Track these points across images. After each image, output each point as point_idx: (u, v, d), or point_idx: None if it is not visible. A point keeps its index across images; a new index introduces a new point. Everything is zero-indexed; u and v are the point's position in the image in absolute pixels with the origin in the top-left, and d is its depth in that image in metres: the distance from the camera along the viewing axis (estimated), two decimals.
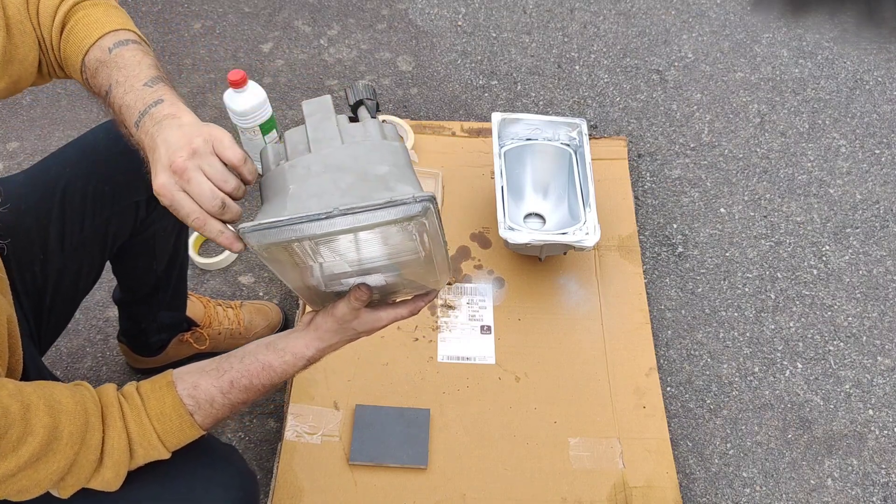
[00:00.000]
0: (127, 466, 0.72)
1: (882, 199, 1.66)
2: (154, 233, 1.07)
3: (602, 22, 1.98)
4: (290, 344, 0.77)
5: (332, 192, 0.62)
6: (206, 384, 0.75)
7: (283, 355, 0.77)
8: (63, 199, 0.93)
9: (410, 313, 0.79)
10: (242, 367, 0.76)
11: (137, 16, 1.93)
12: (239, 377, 0.76)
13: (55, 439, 0.65)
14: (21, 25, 0.76)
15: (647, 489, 1.23)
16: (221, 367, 0.76)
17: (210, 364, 0.77)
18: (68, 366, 1.38)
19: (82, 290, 1.03)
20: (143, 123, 0.69)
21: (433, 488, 1.22)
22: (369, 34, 1.93)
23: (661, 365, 1.41)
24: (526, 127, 1.51)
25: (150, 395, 0.74)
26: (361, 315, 0.76)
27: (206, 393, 0.75)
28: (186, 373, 0.76)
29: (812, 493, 1.29)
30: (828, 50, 1.93)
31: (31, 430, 0.63)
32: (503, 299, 1.44)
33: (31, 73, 0.78)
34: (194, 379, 0.75)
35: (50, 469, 0.66)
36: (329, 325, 0.76)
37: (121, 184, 0.97)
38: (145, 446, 0.72)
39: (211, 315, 1.33)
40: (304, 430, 1.26)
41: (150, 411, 0.73)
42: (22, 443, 0.63)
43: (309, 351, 0.77)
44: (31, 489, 0.66)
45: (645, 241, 1.58)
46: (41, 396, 0.65)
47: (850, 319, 1.49)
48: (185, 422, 0.74)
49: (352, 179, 0.63)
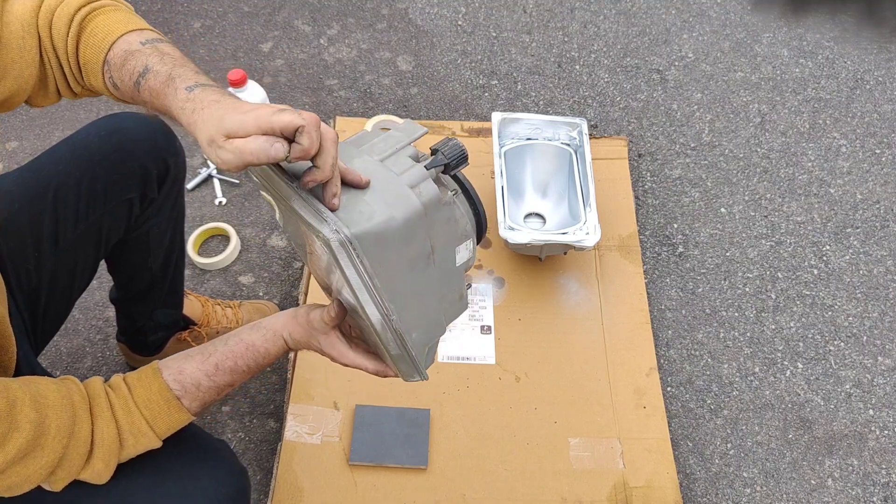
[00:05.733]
0: (117, 457, 0.72)
1: (882, 199, 1.66)
2: (148, 230, 1.07)
3: (602, 21, 1.98)
4: (272, 322, 0.79)
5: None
6: (192, 368, 0.76)
7: (264, 333, 0.78)
8: (56, 198, 0.93)
9: (375, 371, 0.78)
10: (227, 349, 0.77)
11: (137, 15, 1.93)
12: (223, 359, 0.76)
13: (42, 434, 0.65)
14: (20, 41, 0.73)
15: (648, 489, 1.23)
16: (206, 351, 0.77)
17: (195, 349, 0.78)
18: (68, 366, 1.38)
19: (78, 289, 1.03)
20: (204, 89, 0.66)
21: (433, 488, 1.22)
22: (369, 34, 1.93)
23: (662, 365, 1.41)
24: (526, 127, 1.50)
25: (137, 384, 0.74)
26: (331, 335, 0.76)
27: (191, 377, 0.75)
28: (172, 360, 0.77)
29: (812, 493, 1.29)
30: (828, 49, 1.93)
31: (16, 426, 0.63)
32: (503, 299, 1.44)
33: (25, 89, 0.75)
34: (179, 364, 0.76)
35: (39, 464, 0.66)
36: (303, 321, 0.77)
37: (114, 181, 0.96)
38: (135, 433, 0.72)
39: (209, 314, 1.33)
40: (304, 430, 1.26)
41: (137, 399, 0.73)
42: (7, 439, 0.63)
43: (284, 331, 0.78)
44: (22, 484, 0.66)
45: (645, 240, 1.58)
46: (27, 392, 0.65)
47: (850, 319, 1.49)
48: (172, 406, 0.74)
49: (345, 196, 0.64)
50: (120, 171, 0.96)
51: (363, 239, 0.60)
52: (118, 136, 0.96)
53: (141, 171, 0.98)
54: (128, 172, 0.97)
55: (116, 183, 0.97)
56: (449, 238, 0.70)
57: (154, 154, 0.99)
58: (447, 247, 0.70)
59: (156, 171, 1.00)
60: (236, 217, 1.58)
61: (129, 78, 0.71)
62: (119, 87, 0.73)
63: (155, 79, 0.69)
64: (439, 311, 0.73)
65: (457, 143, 0.69)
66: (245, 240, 1.55)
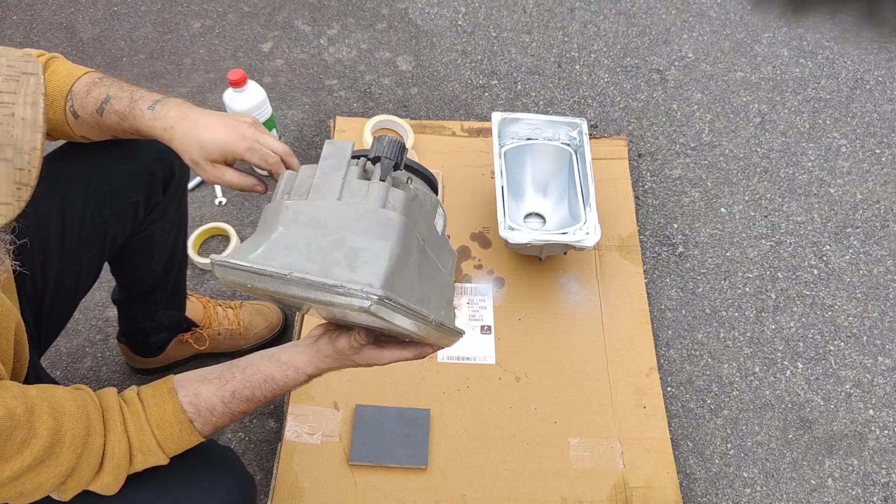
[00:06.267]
0: (126, 471, 0.72)
1: (882, 199, 1.66)
2: (153, 232, 1.07)
3: (602, 21, 1.98)
4: (294, 358, 0.78)
5: (302, 250, 0.63)
6: (208, 393, 0.76)
7: (285, 369, 0.78)
8: (63, 201, 0.93)
9: (415, 357, 0.79)
10: (245, 377, 0.77)
11: (137, 15, 1.93)
12: (241, 388, 0.77)
13: (58, 442, 0.65)
14: None
15: (648, 489, 1.23)
16: (224, 377, 0.77)
17: (212, 372, 0.78)
18: (68, 366, 1.38)
19: (82, 290, 1.03)
20: (164, 104, 0.79)
21: (433, 488, 1.22)
22: (369, 34, 1.93)
23: (662, 365, 1.41)
24: (526, 126, 1.50)
25: (151, 402, 0.74)
26: (363, 351, 0.77)
27: (207, 401, 0.75)
28: (188, 380, 0.77)
29: (813, 493, 1.29)
30: (828, 49, 1.93)
31: (35, 433, 0.63)
32: (503, 299, 1.44)
33: None
34: (195, 387, 0.76)
35: (53, 472, 0.66)
36: (329, 352, 0.77)
37: (120, 185, 0.97)
38: (144, 452, 0.73)
39: (211, 315, 1.33)
40: (304, 430, 1.26)
41: (150, 417, 0.73)
42: (26, 445, 0.63)
43: (310, 368, 0.78)
44: (34, 492, 0.66)
45: (645, 240, 1.58)
46: (44, 399, 0.66)
47: (850, 319, 1.49)
48: (184, 429, 0.74)
49: (326, 243, 0.63)
50: (126, 173, 0.96)
51: (388, 284, 0.61)
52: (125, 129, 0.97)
53: (147, 173, 0.99)
54: (134, 175, 0.97)
55: (123, 186, 0.97)
56: (427, 219, 0.72)
57: (159, 157, 1.00)
58: (429, 227, 0.72)
59: (161, 173, 1.01)
60: (236, 217, 1.58)
61: (92, 105, 0.83)
62: (79, 115, 0.84)
63: (119, 103, 0.81)
64: (443, 274, 0.76)
65: (390, 138, 0.69)
66: (245, 240, 1.55)
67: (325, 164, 0.67)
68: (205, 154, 0.78)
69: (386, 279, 0.61)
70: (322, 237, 0.63)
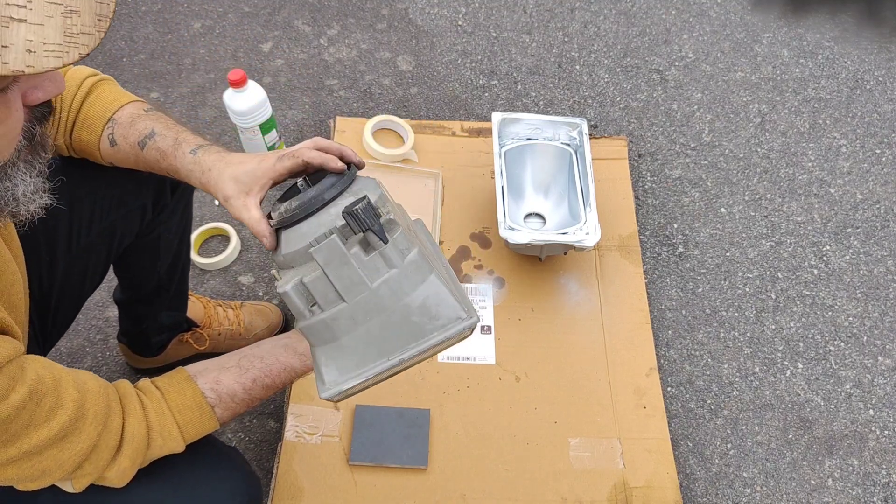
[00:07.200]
0: (143, 455, 0.72)
1: (883, 199, 1.66)
2: (159, 234, 1.08)
3: (602, 21, 1.98)
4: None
5: (387, 338, 0.68)
6: (229, 380, 0.77)
7: (304, 360, 0.82)
8: (71, 203, 0.93)
9: None
10: (264, 366, 0.80)
11: (137, 16, 1.93)
12: (262, 376, 0.79)
13: (82, 417, 0.66)
14: None
15: (648, 489, 1.23)
16: (242, 365, 0.79)
17: (229, 360, 0.80)
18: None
19: (87, 292, 1.03)
20: (206, 150, 0.79)
21: (433, 488, 1.22)
22: (369, 34, 1.93)
23: (662, 365, 1.41)
24: (526, 127, 1.50)
25: (170, 388, 0.75)
26: None
27: (228, 388, 0.77)
28: (205, 368, 0.78)
29: (813, 493, 1.29)
30: (828, 49, 1.93)
31: (61, 403, 0.64)
32: (503, 299, 1.44)
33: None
34: (215, 374, 0.77)
35: (75, 448, 0.66)
36: None
37: (130, 187, 0.97)
38: (164, 436, 0.73)
39: (211, 315, 1.33)
40: (304, 430, 1.26)
41: (170, 403, 0.74)
42: (53, 414, 0.63)
43: None
44: (54, 471, 0.66)
45: (645, 240, 1.58)
46: (69, 373, 0.67)
47: (850, 319, 1.49)
48: (205, 414, 0.75)
49: (398, 318, 0.68)
50: (136, 176, 0.96)
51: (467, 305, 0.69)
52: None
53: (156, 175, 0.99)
54: (144, 177, 0.97)
55: (132, 188, 0.97)
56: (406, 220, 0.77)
57: None
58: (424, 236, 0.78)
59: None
60: None
61: (134, 137, 0.82)
62: (117, 144, 0.84)
63: (163, 141, 0.81)
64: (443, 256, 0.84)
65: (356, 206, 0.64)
66: (245, 240, 1.55)
67: (331, 268, 0.67)
68: (237, 186, 0.75)
69: (463, 304, 0.69)
70: (390, 318, 0.68)
